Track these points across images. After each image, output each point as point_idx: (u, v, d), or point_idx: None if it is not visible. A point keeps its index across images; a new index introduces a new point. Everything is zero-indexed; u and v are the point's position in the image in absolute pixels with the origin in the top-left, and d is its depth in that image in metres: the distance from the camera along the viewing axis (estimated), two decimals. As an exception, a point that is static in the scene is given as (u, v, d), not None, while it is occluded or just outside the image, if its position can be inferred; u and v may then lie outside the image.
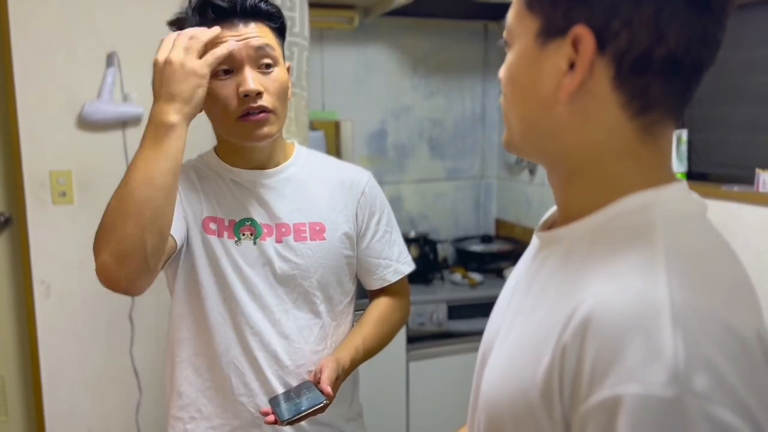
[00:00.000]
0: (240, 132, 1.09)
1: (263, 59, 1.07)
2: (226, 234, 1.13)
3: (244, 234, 1.14)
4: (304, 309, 1.17)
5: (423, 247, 2.47)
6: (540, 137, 0.63)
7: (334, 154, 2.40)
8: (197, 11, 1.07)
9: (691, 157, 2.00)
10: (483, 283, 2.43)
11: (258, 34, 1.07)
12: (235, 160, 1.16)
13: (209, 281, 1.13)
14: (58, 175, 2.14)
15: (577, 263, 0.59)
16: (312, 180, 1.20)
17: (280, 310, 1.15)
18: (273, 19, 1.11)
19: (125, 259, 0.94)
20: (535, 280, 0.65)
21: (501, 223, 2.88)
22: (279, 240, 1.15)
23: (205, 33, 1.02)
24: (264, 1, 1.10)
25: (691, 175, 1.99)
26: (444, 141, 2.79)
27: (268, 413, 1.06)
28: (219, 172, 1.17)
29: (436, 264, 2.50)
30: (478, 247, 2.68)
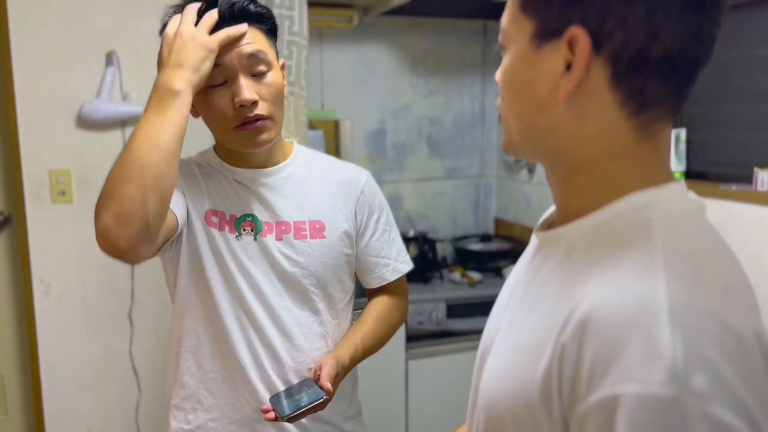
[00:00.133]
0: (238, 140, 1.10)
1: (256, 66, 1.07)
2: (227, 228, 1.13)
3: (244, 229, 1.14)
4: (303, 306, 1.17)
5: (422, 246, 2.48)
6: (538, 137, 0.63)
7: (334, 153, 2.40)
8: None
9: (689, 156, 2.01)
10: (482, 282, 2.43)
11: (249, 39, 1.07)
12: (234, 160, 1.17)
13: (213, 273, 1.13)
14: (57, 174, 2.14)
15: (576, 263, 0.59)
16: (311, 179, 1.21)
17: (281, 306, 1.15)
18: (263, 20, 1.10)
19: (126, 221, 0.93)
20: (534, 280, 0.65)
21: (500, 222, 2.88)
22: (279, 237, 1.15)
23: (214, 12, 1.04)
24: (253, 2, 1.09)
25: (690, 174, 1.99)
26: (443, 140, 2.79)
27: (268, 410, 1.06)
28: (220, 170, 1.18)
29: (435, 263, 2.51)
30: (477, 246, 2.68)
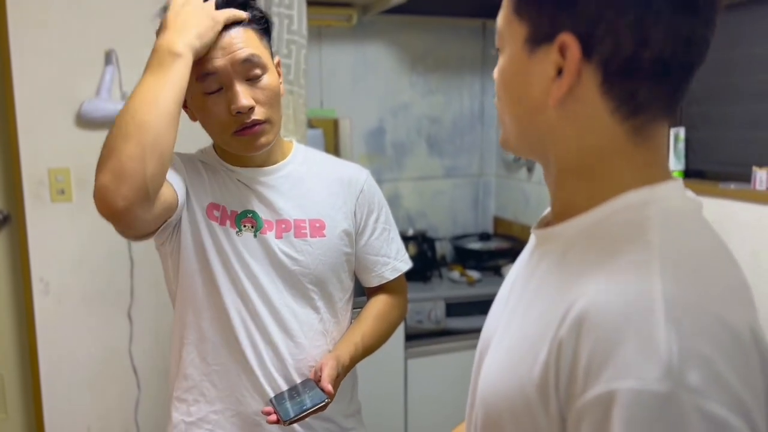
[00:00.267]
0: (237, 145, 1.10)
1: (251, 71, 1.06)
2: (229, 223, 1.13)
3: (245, 226, 1.14)
4: (303, 304, 1.17)
5: (421, 245, 2.48)
6: (533, 139, 0.64)
7: (333, 152, 2.40)
8: None
9: (688, 154, 2.01)
10: (481, 281, 2.43)
11: (242, 42, 1.06)
12: (233, 159, 1.17)
13: (215, 266, 1.12)
14: (56, 172, 2.14)
15: (573, 260, 0.59)
16: (310, 177, 1.21)
17: (281, 303, 1.15)
18: (257, 21, 1.10)
19: (124, 179, 0.92)
20: (532, 278, 0.65)
21: (499, 221, 2.88)
22: (279, 236, 1.15)
23: None
24: (245, 4, 1.09)
25: (689, 173, 2.00)
26: (442, 139, 2.80)
27: (270, 413, 1.06)
28: (220, 168, 1.18)
29: (434, 262, 2.51)
30: (476, 245, 2.68)
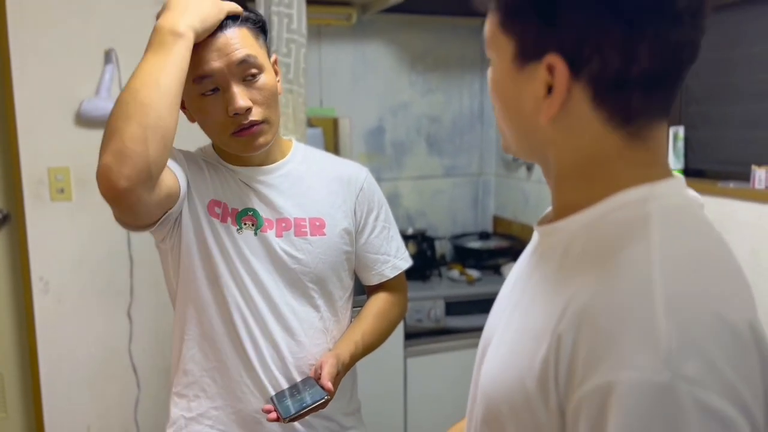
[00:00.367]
0: (236, 146, 1.11)
1: (247, 71, 1.06)
2: (230, 220, 1.14)
3: (245, 224, 1.14)
4: (303, 302, 1.17)
5: (421, 244, 2.48)
6: (532, 146, 0.65)
7: (332, 151, 2.40)
8: None
9: (687, 153, 2.01)
10: (480, 280, 2.44)
11: (238, 43, 1.05)
12: (232, 158, 1.17)
13: (216, 262, 1.12)
14: (56, 171, 2.14)
15: (574, 255, 0.60)
16: (310, 176, 1.21)
17: (281, 301, 1.15)
18: (250, 20, 1.09)
19: (126, 160, 0.91)
20: (534, 273, 0.66)
21: (498, 220, 2.88)
22: (279, 234, 1.15)
23: None
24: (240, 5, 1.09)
25: (688, 172, 2.00)
26: (442, 138, 2.80)
27: (270, 411, 1.06)
28: (220, 166, 1.18)
29: (433, 261, 2.51)
30: (475, 244, 2.68)
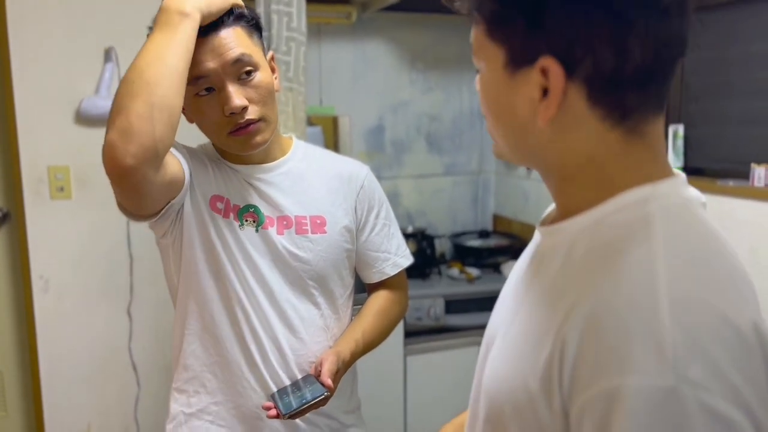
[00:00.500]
0: (233, 145, 1.11)
1: (242, 69, 1.06)
2: (232, 216, 1.13)
3: (246, 220, 1.14)
4: (304, 300, 1.17)
5: (420, 242, 2.48)
6: (527, 152, 0.64)
7: (332, 150, 2.39)
8: None
9: (687, 152, 2.01)
10: (480, 278, 2.44)
11: (232, 42, 1.05)
12: (232, 157, 1.17)
13: (218, 257, 1.12)
14: (56, 170, 2.14)
15: (577, 257, 0.59)
16: (311, 174, 1.21)
17: (282, 298, 1.15)
18: (244, 19, 1.08)
19: (132, 138, 0.90)
20: (536, 274, 0.65)
21: (498, 219, 2.89)
22: (281, 232, 1.15)
23: None
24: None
25: (687, 170, 2.00)
26: (442, 136, 2.80)
27: (270, 407, 1.07)
28: (221, 163, 1.18)
29: (433, 259, 2.51)
30: (475, 243, 2.68)
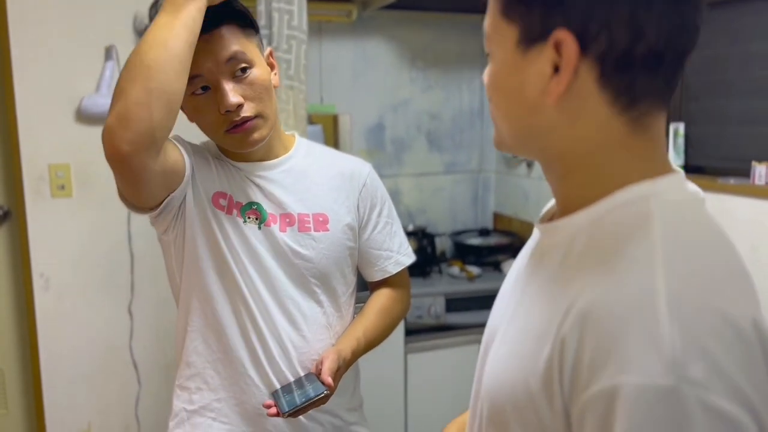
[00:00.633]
0: (231, 143, 1.11)
1: (237, 67, 1.05)
2: (235, 212, 1.13)
3: (249, 218, 1.14)
4: (306, 298, 1.17)
5: (421, 241, 2.49)
6: (530, 138, 0.64)
7: (332, 148, 2.40)
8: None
9: (687, 150, 2.01)
10: (480, 277, 2.44)
11: (226, 40, 1.04)
12: (234, 154, 1.17)
13: (221, 253, 1.12)
14: (56, 168, 2.14)
15: (576, 255, 0.59)
16: (314, 171, 1.21)
17: (286, 295, 1.15)
18: (238, 16, 1.08)
19: (129, 123, 0.90)
20: (535, 272, 0.65)
21: (499, 217, 2.89)
22: (283, 229, 1.15)
23: None
24: (228, 2, 1.06)
25: (688, 168, 2.00)
26: (442, 135, 2.80)
27: (270, 405, 1.07)
28: (225, 161, 1.18)
29: (434, 257, 2.51)
30: (475, 241, 2.69)
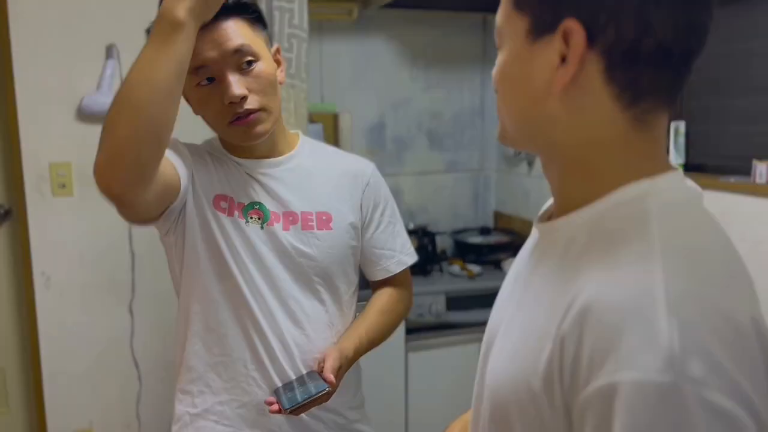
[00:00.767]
0: (234, 135, 1.11)
1: (243, 59, 1.05)
2: (237, 213, 1.13)
3: (251, 217, 1.14)
4: (309, 297, 1.17)
5: (422, 239, 2.49)
6: (534, 131, 0.64)
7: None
8: None
9: (688, 148, 2.01)
10: (481, 275, 2.44)
11: (233, 33, 1.04)
12: (237, 150, 1.17)
13: (222, 256, 1.12)
14: (57, 167, 2.14)
15: (575, 254, 0.60)
16: (317, 170, 1.21)
17: (288, 294, 1.15)
18: (246, 10, 1.08)
19: (116, 163, 0.89)
20: (535, 271, 0.66)
21: (499, 216, 2.89)
22: (286, 228, 1.15)
23: None
24: None
25: (689, 167, 2.00)
26: (443, 133, 2.80)
27: (272, 402, 1.07)
28: (226, 159, 1.18)
29: (434, 256, 2.51)
30: (476, 239, 2.69)
